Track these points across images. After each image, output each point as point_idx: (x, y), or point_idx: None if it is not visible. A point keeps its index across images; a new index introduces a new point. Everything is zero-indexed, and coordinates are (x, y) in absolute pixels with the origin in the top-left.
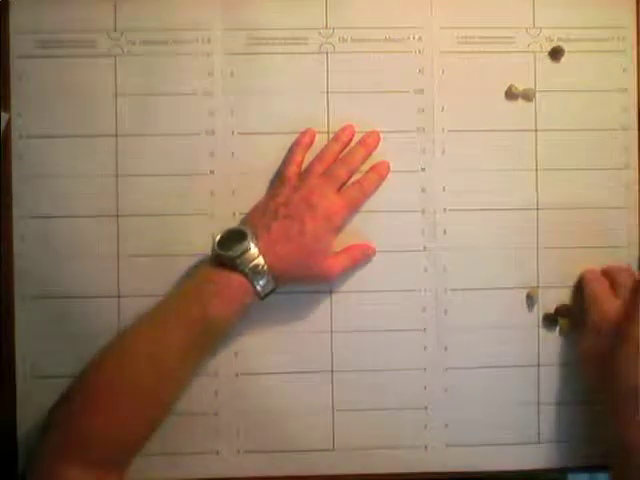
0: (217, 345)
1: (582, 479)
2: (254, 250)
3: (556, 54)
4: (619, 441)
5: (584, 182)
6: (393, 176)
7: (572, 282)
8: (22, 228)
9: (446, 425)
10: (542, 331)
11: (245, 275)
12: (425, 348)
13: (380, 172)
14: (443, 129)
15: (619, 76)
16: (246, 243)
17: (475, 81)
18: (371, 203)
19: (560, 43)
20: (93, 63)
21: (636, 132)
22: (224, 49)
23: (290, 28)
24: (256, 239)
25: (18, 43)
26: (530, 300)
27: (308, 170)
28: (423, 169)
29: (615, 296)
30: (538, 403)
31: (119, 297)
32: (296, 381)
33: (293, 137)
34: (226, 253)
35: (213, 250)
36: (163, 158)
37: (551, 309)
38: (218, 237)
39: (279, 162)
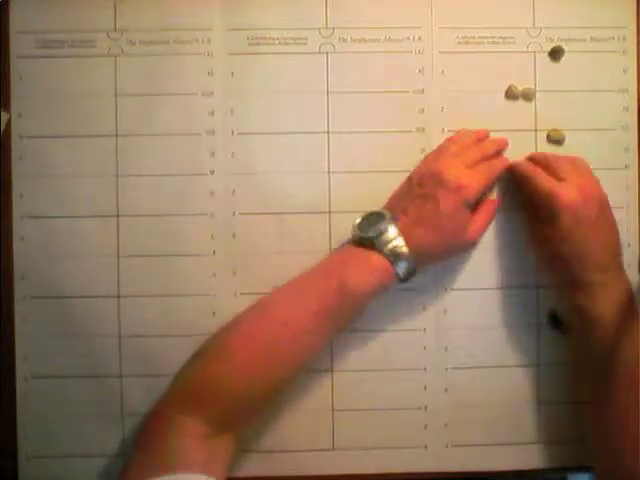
0: (351, 320)
1: (582, 479)
2: (392, 232)
3: (556, 54)
4: (577, 308)
5: None
6: (393, 176)
7: None
8: (22, 228)
9: (446, 425)
10: (542, 331)
11: (385, 256)
12: (425, 348)
13: (504, 161)
14: (443, 129)
15: (619, 76)
16: (384, 224)
17: (475, 81)
18: (370, 198)
19: (560, 43)
20: (93, 63)
21: (636, 132)
22: (224, 49)
23: (290, 28)
24: (394, 221)
25: (18, 43)
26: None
27: (442, 149)
28: None
29: (559, 179)
30: (538, 403)
31: (119, 297)
32: (296, 381)
33: (293, 137)
34: (365, 234)
35: (353, 232)
36: (163, 158)
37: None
38: (358, 220)
39: (279, 162)
